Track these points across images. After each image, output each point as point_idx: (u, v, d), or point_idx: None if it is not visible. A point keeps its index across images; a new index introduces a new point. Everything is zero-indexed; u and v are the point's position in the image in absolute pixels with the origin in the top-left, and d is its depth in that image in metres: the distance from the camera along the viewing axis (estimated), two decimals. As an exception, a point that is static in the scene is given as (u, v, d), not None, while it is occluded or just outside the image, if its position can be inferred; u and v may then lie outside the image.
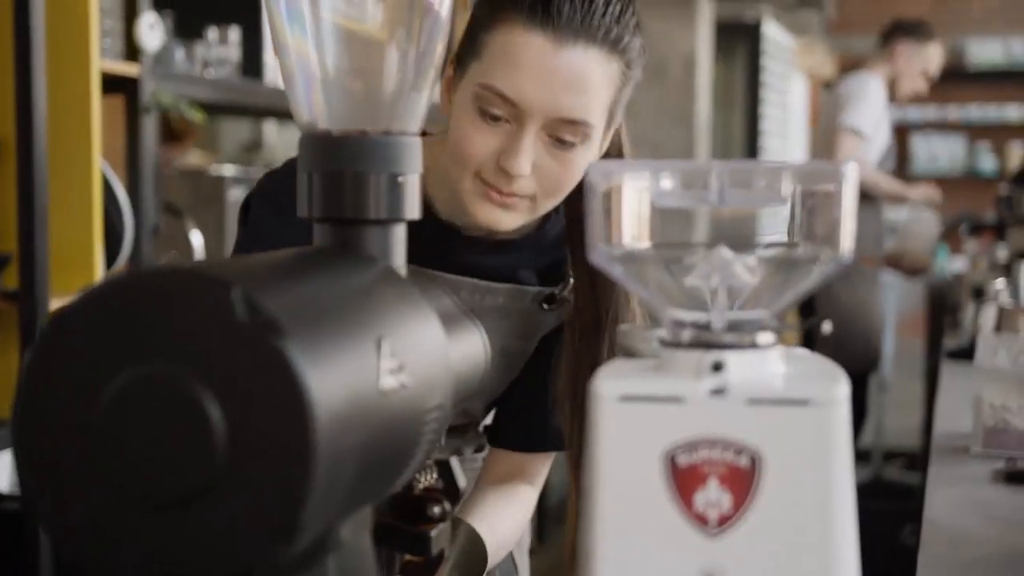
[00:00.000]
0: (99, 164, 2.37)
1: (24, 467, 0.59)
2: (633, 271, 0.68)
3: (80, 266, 2.35)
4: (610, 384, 0.65)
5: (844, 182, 0.65)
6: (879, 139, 4.26)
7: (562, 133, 1.19)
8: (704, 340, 0.66)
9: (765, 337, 0.66)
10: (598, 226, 0.67)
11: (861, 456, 5.42)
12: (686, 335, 0.67)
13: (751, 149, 6.97)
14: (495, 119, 1.18)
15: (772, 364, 0.66)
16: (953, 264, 8.88)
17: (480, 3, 1.24)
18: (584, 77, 1.17)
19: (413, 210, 0.79)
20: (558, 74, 1.16)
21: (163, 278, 0.58)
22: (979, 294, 3.18)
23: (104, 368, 0.58)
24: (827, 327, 0.78)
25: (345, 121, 0.78)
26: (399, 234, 0.78)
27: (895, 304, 6.14)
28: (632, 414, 0.64)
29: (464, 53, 1.23)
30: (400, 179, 0.77)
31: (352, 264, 0.72)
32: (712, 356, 0.65)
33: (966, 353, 2.87)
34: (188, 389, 0.57)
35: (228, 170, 3.03)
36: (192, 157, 3.81)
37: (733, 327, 0.67)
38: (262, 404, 0.56)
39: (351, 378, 0.61)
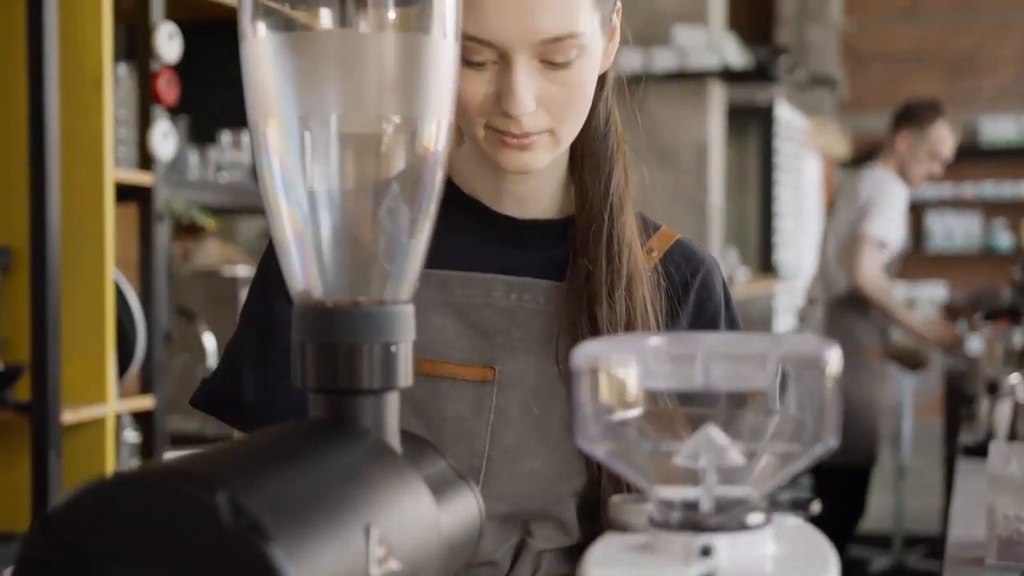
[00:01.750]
0: (112, 274, 2.39)
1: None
2: (619, 450, 0.69)
3: (92, 377, 2.36)
4: (599, 571, 0.65)
5: (828, 364, 0.66)
6: (895, 244, 4.28)
7: (552, 55, 1.10)
8: (693, 522, 0.66)
9: (755, 518, 0.66)
10: (584, 407, 0.68)
11: (882, 542, 5.36)
12: (674, 516, 0.67)
13: (765, 232, 6.98)
14: (480, 65, 1.10)
15: (762, 545, 0.66)
16: (971, 343, 8.84)
17: None
18: None
19: (407, 377, 0.79)
20: None
21: (148, 480, 0.59)
22: (993, 389, 3.16)
23: (90, 571, 0.58)
24: (816, 507, 0.76)
25: (339, 290, 0.79)
26: (393, 402, 0.79)
27: (912, 386, 6.11)
28: (621, 601, 0.64)
29: None
30: (393, 348, 0.78)
31: (342, 442, 0.73)
32: (701, 540, 0.65)
33: (982, 449, 2.84)
34: (174, 592, 0.57)
35: (241, 271, 3.05)
36: (210, 247, 3.84)
37: (722, 507, 0.67)
38: (247, 607, 0.56)
39: (338, 572, 0.61)
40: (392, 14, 0.76)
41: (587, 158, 1.23)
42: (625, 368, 0.68)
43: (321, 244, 0.78)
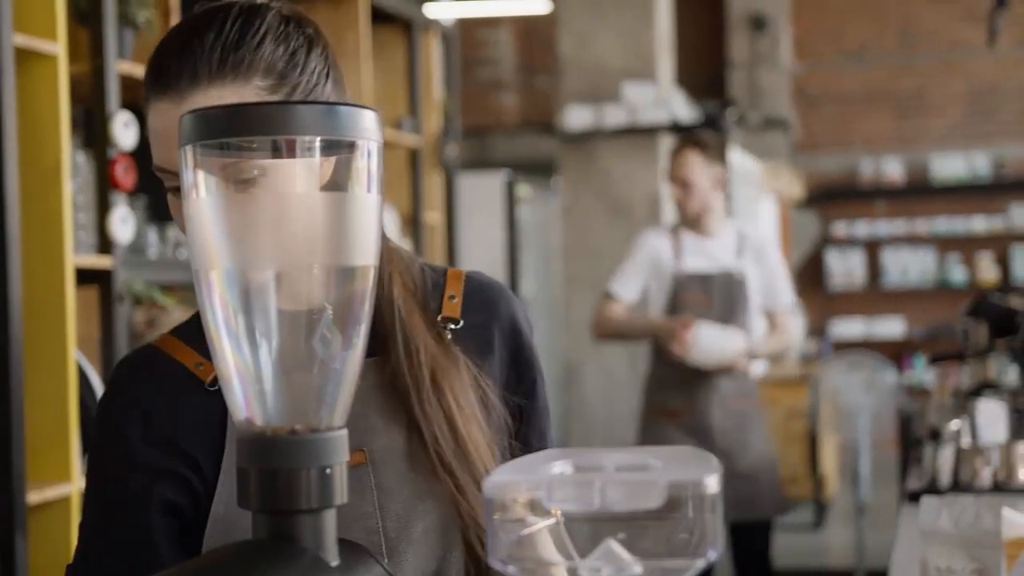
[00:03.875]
0: (74, 356, 2.46)
1: None
2: (528, 567, 0.77)
3: (56, 457, 2.42)
4: None
5: (707, 488, 0.74)
6: (661, 289, 4.06)
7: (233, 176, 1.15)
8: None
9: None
10: (494, 530, 0.76)
11: (843, 580, 5.45)
12: (579, 624, 0.75)
13: (721, 276, 7.09)
14: (178, 190, 1.15)
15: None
16: (929, 376, 8.98)
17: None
18: None
19: (342, 496, 0.87)
20: None
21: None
22: (936, 435, 3.25)
23: None
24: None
25: (278, 419, 0.87)
26: (330, 519, 0.87)
27: (869, 424, 6.22)
28: None
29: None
30: (328, 471, 0.86)
31: (282, 562, 0.81)
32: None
33: (927, 494, 2.92)
34: None
35: (202, 342, 3.10)
36: (175, 315, 3.90)
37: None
38: None
39: None
40: (318, 174, 0.85)
41: None
42: (530, 494, 0.76)
43: (261, 378, 0.87)
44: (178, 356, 1.24)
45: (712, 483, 0.75)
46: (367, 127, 0.87)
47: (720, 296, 4.01)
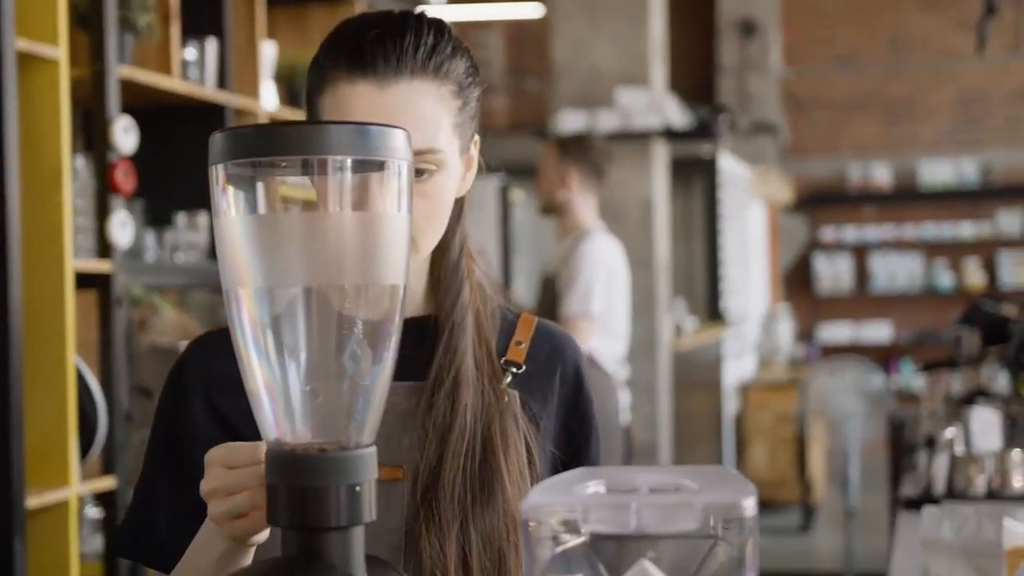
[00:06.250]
0: (73, 361, 2.45)
1: None
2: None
3: (54, 460, 2.42)
4: None
5: (746, 511, 0.75)
6: None
7: (415, 164, 1.15)
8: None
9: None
10: (530, 550, 0.76)
11: (832, 585, 5.47)
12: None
13: (712, 280, 7.11)
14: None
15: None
16: (916, 381, 9.02)
17: (309, 74, 1.24)
18: (415, 107, 1.18)
19: (371, 513, 0.87)
20: (389, 111, 1.17)
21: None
22: (931, 442, 3.26)
23: None
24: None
25: (307, 435, 0.87)
26: (358, 536, 0.87)
27: (859, 432, 6.24)
28: None
29: None
30: (358, 488, 0.86)
31: (312, 580, 0.81)
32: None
33: (922, 502, 2.93)
34: None
35: (198, 346, 3.09)
36: (167, 316, 3.89)
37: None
38: None
39: None
40: (349, 194, 0.85)
41: (443, 280, 1.29)
42: (565, 515, 0.76)
43: (290, 396, 0.87)
44: None
45: (749, 506, 0.75)
46: (397, 147, 0.87)
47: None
